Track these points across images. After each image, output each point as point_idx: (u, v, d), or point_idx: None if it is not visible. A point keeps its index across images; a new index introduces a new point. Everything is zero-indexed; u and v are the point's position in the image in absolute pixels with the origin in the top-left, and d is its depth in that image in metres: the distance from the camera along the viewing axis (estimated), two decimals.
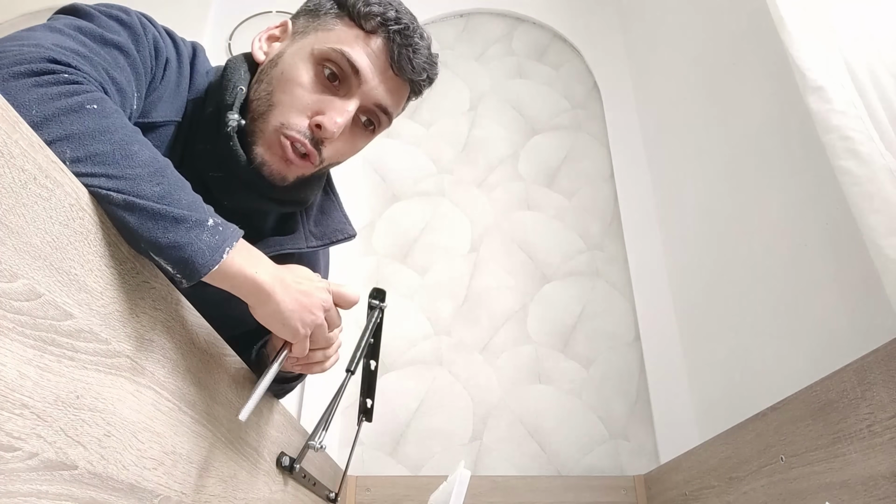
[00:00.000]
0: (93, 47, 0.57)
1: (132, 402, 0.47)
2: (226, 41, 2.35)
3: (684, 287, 1.80)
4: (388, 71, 0.73)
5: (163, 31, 0.69)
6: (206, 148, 0.70)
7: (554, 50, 2.41)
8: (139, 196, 0.46)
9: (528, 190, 2.14)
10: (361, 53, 0.71)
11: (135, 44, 0.62)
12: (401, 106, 0.79)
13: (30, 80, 0.47)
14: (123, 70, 0.59)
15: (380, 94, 0.73)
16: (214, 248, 0.49)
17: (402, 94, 0.77)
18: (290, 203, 0.79)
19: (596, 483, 1.62)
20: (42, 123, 0.44)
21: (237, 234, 0.53)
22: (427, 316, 1.93)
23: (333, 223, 0.86)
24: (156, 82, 0.66)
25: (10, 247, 0.34)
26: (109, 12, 0.62)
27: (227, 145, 0.68)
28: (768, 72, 1.39)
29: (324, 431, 0.92)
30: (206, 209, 0.51)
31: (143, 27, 0.64)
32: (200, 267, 0.48)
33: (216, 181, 0.70)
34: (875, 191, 0.87)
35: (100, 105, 0.49)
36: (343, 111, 0.70)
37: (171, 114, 0.68)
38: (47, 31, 0.56)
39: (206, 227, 0.49)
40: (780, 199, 1.34)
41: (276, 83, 0.71)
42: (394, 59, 0.72)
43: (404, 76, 0.74)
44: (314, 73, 0.71)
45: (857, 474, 0.77)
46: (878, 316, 1.02)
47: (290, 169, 0.71)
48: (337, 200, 0.90)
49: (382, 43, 0.72)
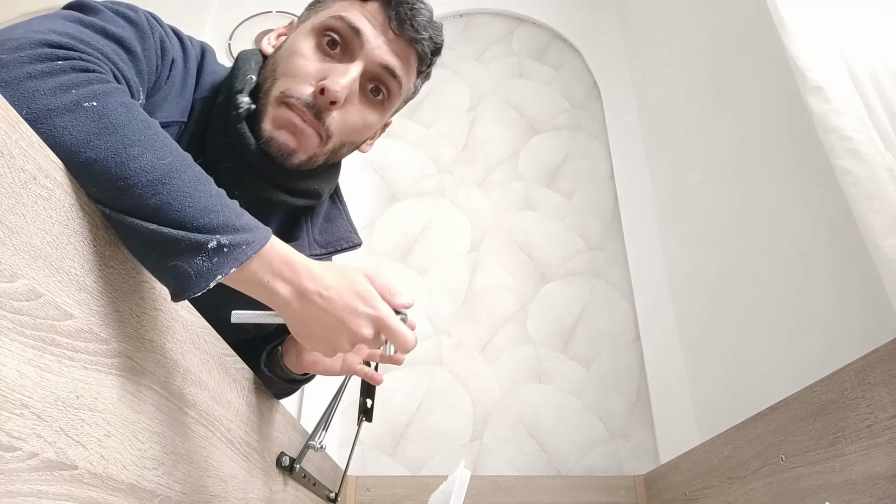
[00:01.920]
0: (93, 36, 0.54)
1: (132, 402, 0.47)
2: (226, 41, 2.35)
3: (684, 287, 1.80)
4: (388, 32, 0.72)
5: (170, 31, 0.68)
6: (217, 138, 0.69)
7: (554, 50, 2.41)
8: (128, 213, 0.43)
9: (528, 190, 2.14)
10: (359, 15, 0.71)
11: (140, 41, 0.60)
12: (411, 74, 0.76)
13: (25, 69, 0.44)
14: (126, 63, 0.57)
15: (384, 54, 0.72)
16: (204, 273, 0.45)
17: (407, 57, 0.74)
18: (303, 194, 0.77)
19: (596, 483, 1.62)
20: (34, 123, 0.40)
21: (248, 251, 0.47)
22: (427, 316, 1.93)
23: (339, 231, 0.86)
24: (160, 82, 0.65)
25: (10, 247, 0.34)
26: (116, 9, 0.61)
27: (236, 129, 0.68)
28: (768, 72, 1.39)
29: (324, 431, 0.93)
30: (223, 220, 0.46)
31: (149, 26, 0.63)
32: (181, 292, 0.45)
33: (226, 171, 0.69)
34: (875, 191, 0.87)
35: (100, 102, 0.45)
36: (346, 72, 0.69)
37: (175, 115, 0.67)
38: (44, 20, 0.53)
39: (204, 250, 0.45)
40: (780, 199, 1.33)
41: (279, 62, 0.72)
42: (391, 18, 0.71)
43: (406, 36, 0.73)
44: (315, 44, 0.71)
45: (857, 474, 0.77)
46: (878, 316, 1.02)
47: (299, 143, 0.69)
48: (344, 209, 0.89)
49: (378, 5, 0.72)
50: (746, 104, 1.49)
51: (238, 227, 0.47)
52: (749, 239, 1.45)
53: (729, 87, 1.58)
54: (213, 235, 0.45)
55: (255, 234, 0.49)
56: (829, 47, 1.03)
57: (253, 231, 0.49)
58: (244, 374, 0.75)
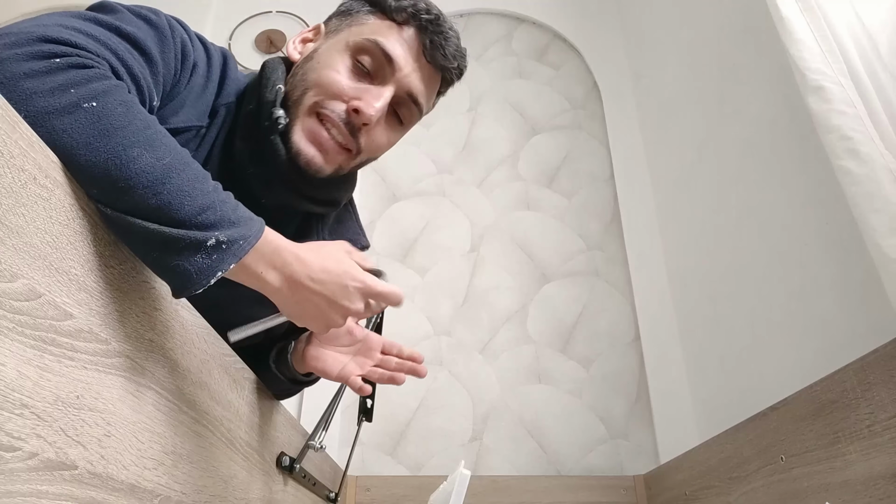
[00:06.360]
0: (104, 33, 0.54)
1: (132, 402, 0.47)
2: (226, 41, 2.35)
3: (684, 287, 1.80)
4: (420, 59, 0.74)
5: (193, 36, 0.69)
6: (246, 146, 0.70)
7: (554, 50, 2.41)
8: (129, 213, 0.43)
9: (528, 190, 2.14)
10: (395, 42, 0.72)
11: (159, 45, 0.60)
12: (432, 98, 0.79)
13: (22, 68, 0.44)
14: (139, 63, 0.57)
15: (413, 82, 0.74)
16: (204, 270, 0.45)
17: (433, 83, 0.77)
18: (325, 203, 0.79)
19: (596, 483, 1.62)
20: (33, 124, 0.40)
21: (246, 246, 0.49)
22: (427, 316, 1.93)
23: (347, 233, 0.87)
24: (180, 86, 0.65)
25: (10, 247, 0.34)
26: (137, 10, 0.61)
27: (269, 140, 0.68)
28: (768, 72, 1.39)
29: (324, 431, 0.93)
30: (220, 215, 0.47)
31: (171, 29, 0.63)
32: (182, 289, 0.46)
33: (255, 177, 0.70)
34: (875, 191, 0.87)
35: (99, 101, 0.45)
36: (380, 96, 0.71)
37: (193, 119, 0.67)
38: (55, 16, 0.53)
39: (203, 248, 0.45)
40: (780, 199, 1.33)
41: (311, 73, 0.72)
42: (426, 47, 0.74)
43: (437, 64, 0.75)
44: (350, 64, 0.72)
45: (857, 474, 0.77)
46: (878, 316, 1.02)
47: (327, 159, 0.71)
48: (353, 212, 0.91)
49: (415, 32, 0.74)
50: (746, 104, 1.49)
51: (234, 221, 0.48)
52: (749, 239, 1.45)
53: (729, 87, 1.58)
54: (212, 232, 0.46)
55: (251, 227, 0.50)
56: (829, 47, 1.03)
57: (248, 224, 0.50)
58: (244, 374, 0.75)
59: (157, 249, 0.45)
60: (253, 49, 2.36)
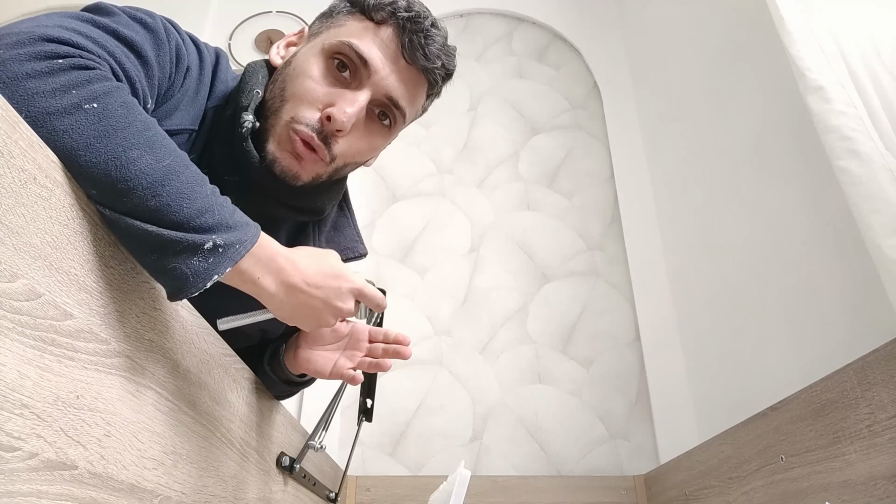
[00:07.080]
0: (102, 35, 0.54)
1: (132, 402, 0.47)
2: (226, 41, 2.35)
3: (684, 287, 1.80)
4: (399, 60, 0.71)
5: (187, 38, 0.68)
6: (224, 151, 0.69)
7: (554, 50, 2.41)
8: (128, 214, 0.43)
9: (528, 190, 2.14)
10: (370, 44, 0.70)
11: (154, 48, 0.60)
12: (417, 99, 0.76)
13: (24, 68, 0.44)
14: (135, 66, 0.57)
15: (391, 85, 0.71)
16: (200, 273, 0.46)
17: (416, 85, 0.74)
18: (306, 211, 0.78)
19: (596, 483, 1.62)
20: (34, 125, 0.40)
21: (242, 250, 0.49)
22: (427, 316, 1.93)
23: (345, 241, 0.86)
24: (174, 90, 0.65)
25: (10, 247, 0.34)
26: (133, 13, 0.60)
27: (241, 146, 0.68)
28: (768, 72, 1.39)
29: (324, 431, 0.93)
30: (217, 219, 0.48)
31: (166, 32, 0.63)
32: (177, 292, 0.46)
33: (232, 185, 0.68)
34: (875, 191, 0.87)
35: (100, 103, 0.45)
36: (354, 102, 0.68)
37: (186, 122, 0.67)
38: (54, 16, 0.53)
39: (201, 251, 0.46)
40: (780, 199, 1.33)
41: (288, 80, 0.71)
42: (405, 46, 0.71)
43: (417, 64, 0.72)
44: (325, 67, 0.70)
45: (857, 474, 0.77)
46: (878, 316, 1.02)
47: (302, 166, 0.69)
48: (352, 218, 0.90)
49: (392, 32, 0.71)
50: (746, 104, 1.49)
51: (231, 225, 0.49)
52: (749, 239, 1.45)
53: (729, 87, 1.58)
54: (210, 235, 0.47)
55: (247, 231, 0.51)
56: (829, 47, 1.03)
57: (244, 229, 0.51)
58: (244, 374, 0.76)
59: (154, 251, 0.45)
60: (253, 49, 2.36)
